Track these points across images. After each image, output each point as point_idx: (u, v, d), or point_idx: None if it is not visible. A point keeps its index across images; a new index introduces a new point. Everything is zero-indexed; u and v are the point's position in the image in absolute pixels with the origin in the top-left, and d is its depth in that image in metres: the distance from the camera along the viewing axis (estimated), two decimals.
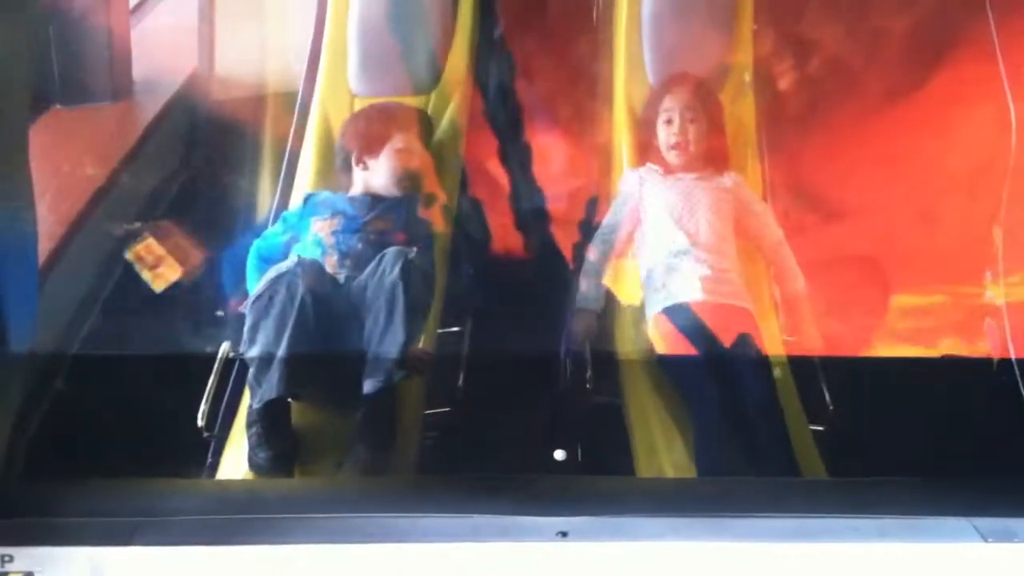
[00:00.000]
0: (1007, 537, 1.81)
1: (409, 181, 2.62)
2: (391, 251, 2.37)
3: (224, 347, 2.37)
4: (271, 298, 2.29)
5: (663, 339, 2.45)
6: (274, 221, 2.65)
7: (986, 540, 1.81)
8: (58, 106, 3.17)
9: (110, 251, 2.77)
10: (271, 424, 2.24)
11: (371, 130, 2.69)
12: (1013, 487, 1.94)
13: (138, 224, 2.70)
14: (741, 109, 2.85)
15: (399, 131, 2.66)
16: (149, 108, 3.29)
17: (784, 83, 2.93)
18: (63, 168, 2.91)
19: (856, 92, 2.90)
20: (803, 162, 2.82)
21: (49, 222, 2.71)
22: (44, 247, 2.59)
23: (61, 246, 2.67)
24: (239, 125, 3.09)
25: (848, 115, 2.84)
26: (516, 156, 2.86)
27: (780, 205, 2.72)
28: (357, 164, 2.65)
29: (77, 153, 3.01)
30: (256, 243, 2.55)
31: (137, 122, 3.23)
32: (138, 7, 3.56)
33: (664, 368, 2.43)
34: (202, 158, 3.13)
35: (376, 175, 2.63)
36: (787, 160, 2.83)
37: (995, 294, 2.52)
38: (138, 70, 3.33)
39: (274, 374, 2.24)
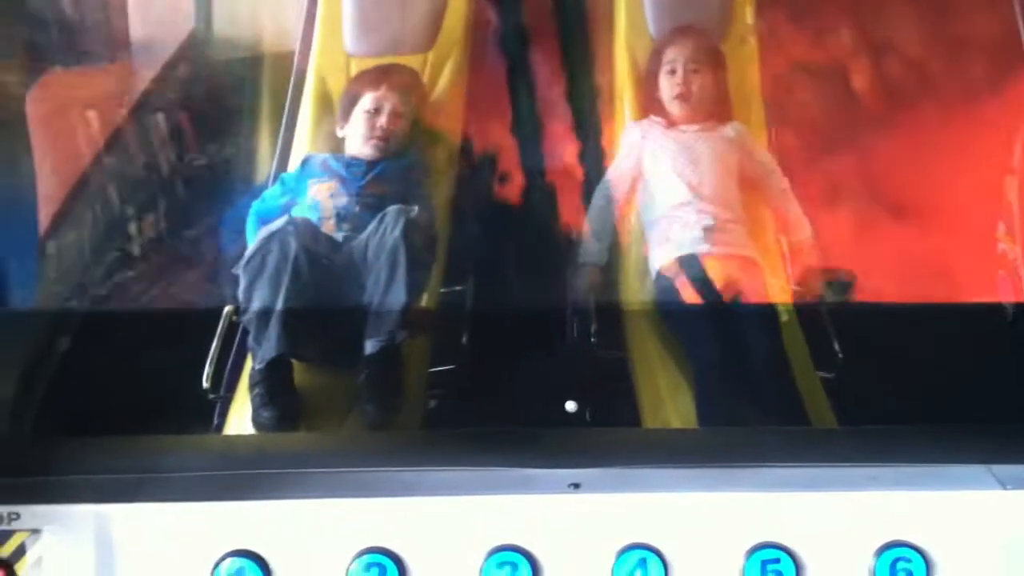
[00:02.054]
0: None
1: (381, 141, 2.56)
2: (392, 210, 2.34)
3: (227, 309, 2.33)
4: (264, 257, 2.27)
5: (668, 291, 2.42)
6: (273, 182, 2.61)
7: (1004, 487, 1.79)
8: (58, 67, 3.14)
9: (114, 211, 2.74)
10: (274, 384, 2.21)
11: (346, 94, 2.67)
12: None
13: None
14: (744, 58, 2.80)
15: (370, 91, 2.60)
16: (147, 69, 3.26)
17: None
18: (64, 129, 2.89)
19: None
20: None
21: (52, 183, 2.69)
22: (48, 208, 2.58)
23: (65, 207, 2.64)
24: (238, 85, 3.06)
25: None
26: (517, 112, 2.82)
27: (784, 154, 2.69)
28: (339, 130, 2.62)
29: (78, 114, 2.99)
30: (255, 205, 2.51)
31: (135, 83, 3.20)
32: None
33: (667, 320, 2.40)
34: (201, 119, 3.09)
35: (351, 139, 2.59)
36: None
37: (1008, 246, 2.49)
38: (136, 31, 3.30)
39: (272, 333, 2.21)
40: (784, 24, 2.88)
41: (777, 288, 2.44)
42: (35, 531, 1.76)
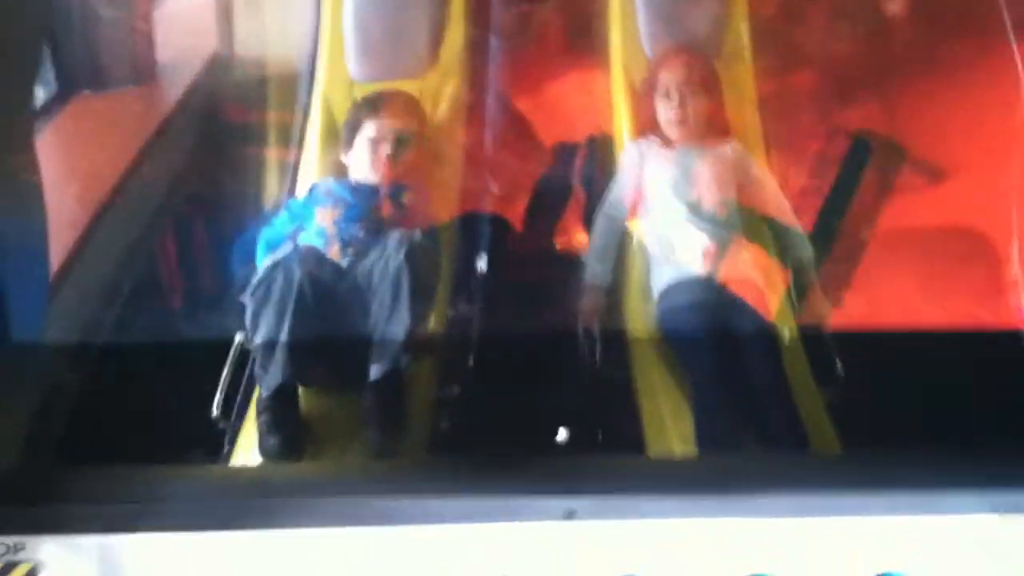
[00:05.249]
0: (1019, 509, 1.78)
1: (384, 167, 2.57)
2: (395, 234, 2.38)
3: (239, 336, 2.38)
4: (269, 286, 2.31)
5: (669, 313, 2.43)
6: (282, 209, 2.65)
7: (998, 512, 1.78)
8: (86, 92, 3.19)
9: (136, 237, 2.79)
10: (279, 411, 2.26)
11: (348, 121, 2.68)
12: None
13: None
14: (739, 73, 2.82)
15: (371, 118, 2.61)
16: (172, 92, 3.31)
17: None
18: (90, 154, 2.94)
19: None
20: None
21: (76, 210, 2.74)
22: (70, 235, 2.63)
23: (87, 234, 2.70)
24: (255, 109, 3.10)
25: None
26: (517, 135, 2.85)
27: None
28: (343, 156, 2.65)
29: (104, 139, 3.04)
30: (264, 232, 2.55)
31: (161, 106, 3.25)
32: None
33: (668, 342, 2.41)
34: (220, 144, 3.14)
35: (356, 165, 2.61)
36: None
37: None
38: (161, 53, 3.34)
39: (278, 361, 2.26)
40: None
41: (779, 309, 2.43)
42: (39, 562, 1.79)
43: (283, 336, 2.27)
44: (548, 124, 2.99)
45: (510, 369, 2.32)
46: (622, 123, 2.79)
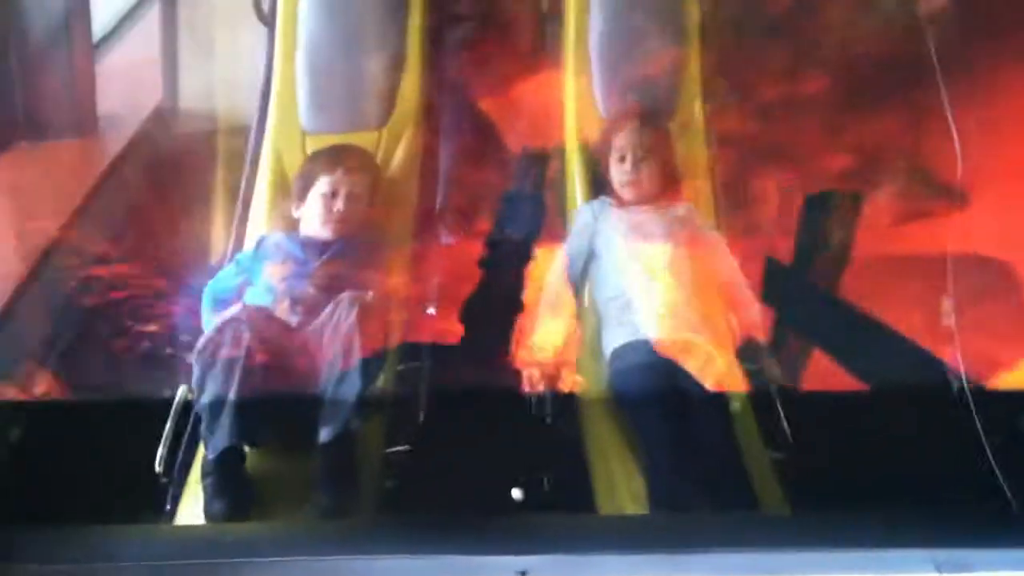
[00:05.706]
0: (962, 568, 1.82)
1: (337, 224, 2.57)
2: (346, 296, 2.34)
3: (181, 390, 2.34)
4: (217, 347, 2.26)
5: (620, 374, 2.43)
6: (229, 262, 2.62)
7: (941, 572, 1.82)
8: (23, 143, 3.15)
9: (71, 290, 2.74)
10: (225, 474, 2.20)
11: (301, 175, 2.68)
12: (969, 517, 1.95)
13: None
14: (692, 135, 2.87)
15: (325, 173, 2.61)
16: (114, 143, 3.28)
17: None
18: (26, 207, 2.90)
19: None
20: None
21: (12, 261, 2.69)
22: (5, 287, 2.59)
23: (24, 286, 2.65)
24: (199, 161, 3.08)
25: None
26: (468, 189, 2.87)
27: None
28: (295, 210, 2.63)
29: (41, 191, 3.00)
30: (210, 285, 2.52)
31: (102, 158, 3.21)
32: (102, 42, 3.56)
33: (619, 403, 2.41)
34: (163, 195, 3.11)
35: (307, 220, 2.60)
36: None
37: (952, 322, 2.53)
38: (103, 105, 3.32)
39: (225, 423, 2.20)
40: None
41: (728, 371, 2.45)
42: None
43: (230, 398, 2.22)
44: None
45: (461, 427, 2.32)
46: (575, 184, 2.83)
